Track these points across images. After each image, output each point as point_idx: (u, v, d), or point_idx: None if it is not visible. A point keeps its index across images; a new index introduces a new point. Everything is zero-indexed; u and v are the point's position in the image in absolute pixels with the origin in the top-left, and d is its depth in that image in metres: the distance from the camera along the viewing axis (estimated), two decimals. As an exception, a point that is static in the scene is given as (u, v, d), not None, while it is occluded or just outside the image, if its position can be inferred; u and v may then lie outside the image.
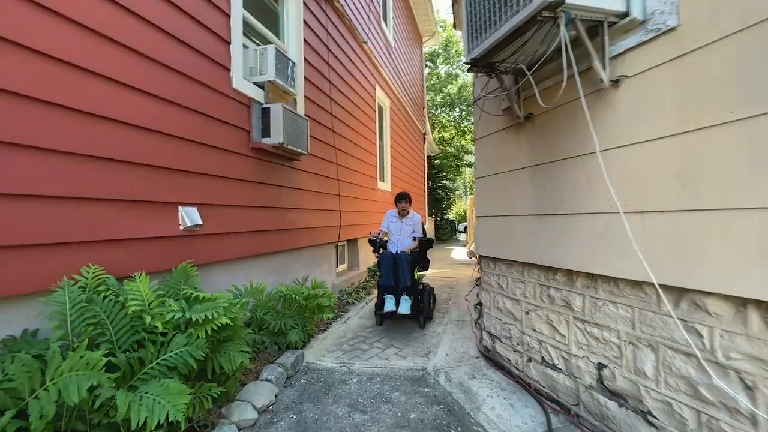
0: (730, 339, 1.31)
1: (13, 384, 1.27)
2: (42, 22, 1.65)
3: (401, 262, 3.58)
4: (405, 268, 3.54)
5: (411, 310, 3.45)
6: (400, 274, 3.54)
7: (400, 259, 3.61)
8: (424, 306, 3.62)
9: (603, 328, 1.82)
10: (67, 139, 1.74)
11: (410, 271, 3.59)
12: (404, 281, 3.50)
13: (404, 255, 3.67)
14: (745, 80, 1.24)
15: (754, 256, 1.21)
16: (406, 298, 3.50)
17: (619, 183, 1.65)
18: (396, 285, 3.54)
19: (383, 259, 3.66)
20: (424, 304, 3.64)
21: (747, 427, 1.27)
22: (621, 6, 1.62)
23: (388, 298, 3.53)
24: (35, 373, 1.29)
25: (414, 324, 3.69)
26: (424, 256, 4.04)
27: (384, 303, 3.52)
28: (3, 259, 1.51)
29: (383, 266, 3.62)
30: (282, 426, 2.06)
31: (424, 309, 3.61)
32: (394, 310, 3.44)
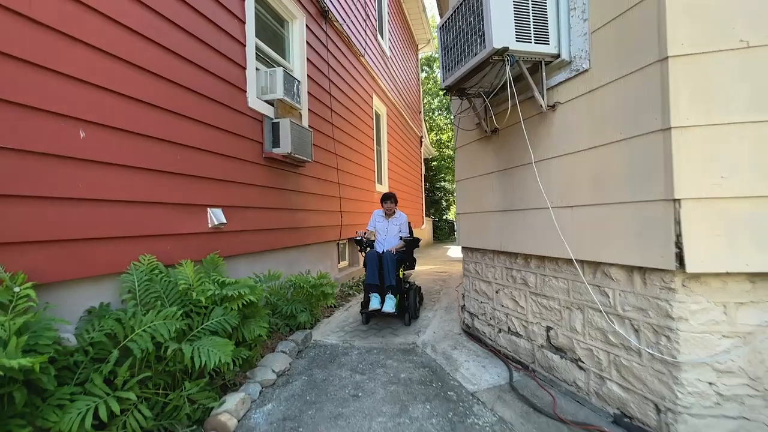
0: (624, 296, 1.81)
1: (109, 332, 1.77)
2: (127, 74, 2.16)
3: (386, 261, 3.62)
4: (390, 267, 3.59)
5: (395, 309, 3.48)
6: (385, 273, 3.57)
7: (385, 258, 3.65)
8: (409, 304, 3.69)
9: (549, 299, 2.32)
10: (137, 155, 2.25)
11: (395, 270, 3.63)
12: (389, 280, 3.54)
13: (389, 254, 3.71)
14: (627, 110, 1.74)
15: (632, 235, 1.70)
16: (391, 297, 3.52)
17: (557, 184, 2.15)
18: (381, 284, 3.59)
19: (368, 258, 3.72)
20: (410, 302, 3.71)
21: (636, 359, 1.77)
22: (554, 50, 2.12)
23: (373, 296, 3.57)
24: (126, 326, 1.80)
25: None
26: (410, 256, 4.12)
27: (369, 301, 3.59)
28: (90, 248, 2.02)
29: (368, 265, 3.68)
30: (297, 384, 2.55)
31: (409, 307, 3.68)
32: (378, 308, 3.47)
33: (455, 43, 2.36)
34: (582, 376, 2.09)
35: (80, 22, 1.98)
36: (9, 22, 1.69)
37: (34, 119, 1.78)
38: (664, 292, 1.63)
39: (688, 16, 1.55)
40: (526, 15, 2.06)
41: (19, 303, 1.61)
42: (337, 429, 2.02)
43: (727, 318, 1.55)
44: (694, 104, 1.53)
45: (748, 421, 1.55)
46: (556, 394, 2.21)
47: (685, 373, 1.58)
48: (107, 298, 2.14)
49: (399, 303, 3.60)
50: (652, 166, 1.63)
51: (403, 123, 10.19)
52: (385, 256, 3.68)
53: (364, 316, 3.81)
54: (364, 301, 3.78)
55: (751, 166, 1.48)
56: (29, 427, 1.49)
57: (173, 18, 2.59)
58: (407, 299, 3.72)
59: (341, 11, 5.79)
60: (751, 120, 1.48)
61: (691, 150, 1.53)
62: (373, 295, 3.59)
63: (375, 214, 4.32)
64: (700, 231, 1.52)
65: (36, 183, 1.78)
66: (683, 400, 1.59)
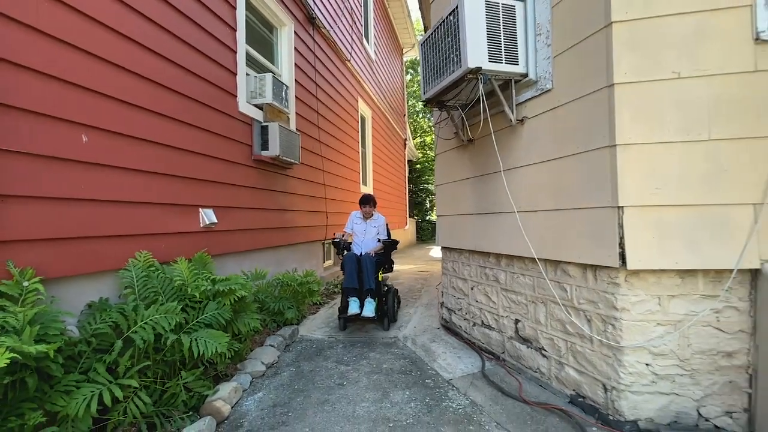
0: (580, 291, 2.06)
1: (112, 324, 1.91)
2: (128, 83, 2.28)
3: (365, 264, 3.52)
4: (370, 270, 3.50)
5: (375, 313, 3.42)
6: (365, 276, 3.49)
7: (364, 260, 3.56)
8: (388, 308, 3.61)
9: (518, 294, 2.56)
10: (133, 158, 2.37)
11: (374, 273, 3.55)
12: (368, 283, 3.45)
13: (368, 257, 3.61)
14: (583, 127, 1.98)
15: (586, 237, 1.95)
16: (371, 301, 3.44)
17: (524, 190, 2.39)
18: (360, 287, 3.51)
19: (347, 260, 3.60)
20: (388, 306, 3.62)
21: (588, 345, 2.02)
22: (522, 69, 2.36)
23: (352, 300, 3.45)
24: (129, 318, 1.94)
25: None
26: (388, 258, 4.02)
27: (348, 306, 3.46)
28: (89, 245, 2.13)
29: (347, 268, 3.56)
30: (285, 375, 2.72)
31: (388, 311, 3.61)
32: (358, 312, 3.38)
33: (435, 59, 2.58)
34: (545, 363, 2.34)
35: (83, 33, 2.10)
36: (20, 33, 1.81)
37: (42, 125, 1.90)
38: (610, 286, 1.88)
39: (631, 49, 1.80)
40: (498, 38, 2.29)
41: (29, 296, 1.74)
42: (324, 413, 2.20)
43: (661, 308, 1.81)
44: (635, 125, 1.79)
45: (678, 396, 1.81)
46: (522, 380, 2.45)
47: (626, 356, 1.84)
48: (105, 294, 2.26)
49: (378, 307, 3.53)
50: (601, 177, 1.88)
51: (388, 126, 10.41)
52: (364, 258, 3.59)
53: (342, 321, 3.64)
54: (341, 305, 3.62)
55: (679, 178, 1.75)
56: (40, 410, 1.62)
57: (172, 29, 2.72)
58: (386, 303, 3.63)
59: (328, 17, 5.95)
60: (679, 140, 1.75)
61: (631, 164, 1.79)
62: (352, 299, 3.46)
63: (353, 216, 4.21)
64: (639, 233, 1.78)
65: (42, 184, 1.89)
66: (625, 380, 1.84)
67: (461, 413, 2.14)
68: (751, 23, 1.69)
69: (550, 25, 2.20)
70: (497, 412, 2.13)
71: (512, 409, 2.15)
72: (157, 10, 2.62)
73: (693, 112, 1.74)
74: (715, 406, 1.79)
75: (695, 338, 1.79)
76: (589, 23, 1.93)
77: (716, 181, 1.72)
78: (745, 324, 1.75)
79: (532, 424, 2.00)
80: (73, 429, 1.72)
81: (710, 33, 1.73)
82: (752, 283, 1.74)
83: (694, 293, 1.79)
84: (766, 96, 1.68)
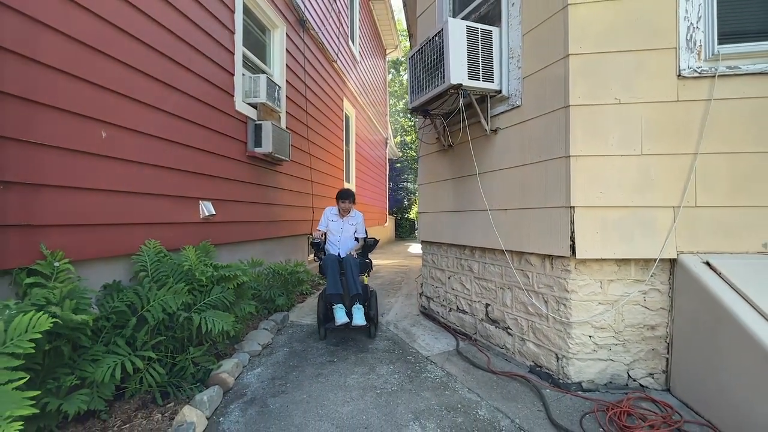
0: (539, 277, 2.45)
1: (129, 303, 2.13)
2: (137, 81, 2.48)
3: (349, 267, 3.18)
4: (355, 273, 3.18)
5: (365, 320, 3.10)
6: (350, 280, 3.14)
7: (347, 262, 3.20)
8: (374, 314, 3.28)
9: (488, 281, 2.94)
10: (144, 152, 2.57)
11: (359, 276, 3.27)
12: (354, 288, 3.11)
13: (351, 258, 3.27)
14: (545, 140, 2.37)
15: (544, 232, 2.34)
16: (359, 307, 3.10)
17: (496, 191, 2.77)
18: (345, 293, 3.17)
19: (328, 263, 3.20)
20: (374, 311, 3.27)
21: (545, 323, 2.41)
22: (497, 86, 2.72)
23: (338, 308, 3.08)
24: (143, 298, 2.17)
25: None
26: (366, 258, 3.64)
27: (334, 314, 3.07)
28: (106, 232, 2.34)
29: (329, 272, 3.15)
30: (280, 354, 2.99)
31: (374, 317, 3.29)
32: (347, 321, 3.01)
33: (421, 73, 2.91)
34: (510, 340, 2.73)
35: (108, 40, 2.30)
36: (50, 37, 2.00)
37: (67, 121, 2.09)
38: (563, 273, 2.28)
39: (584, 77, 2.19)
40: (477, 58, 2.64)
41: (60, 275, 1.95)
42: (318, 384, 2.49)
43: (602, 290, 2.22)
44: (585, 140, 2.18)
45: (612, 362, 2.23)
46: (491, 355, 2.83)
47: (574, 329, 2.24)
48: (118, 276, 2.47)
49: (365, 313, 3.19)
50: (558, 182, 2.26)
51: (370, 125, 10.69)
52: (348, 260, 3.23)
53: (323, 332, 3.26)
54: (321, 313, 3.21)
55: (618, 185, 2.15)
56: (72, 375, 1.84)
57: (184, 35, 2.92)
58: (369, 307, 3.24)
59: (317, 20, 6.18)
60: (619, 154, 2.15)
61: (581, 172, 2.18)
62: (338, 307, 3.09)
63: (327, 213, 3.76)
64: (586, 229, 2.17)
65: (66, 175, 2.09)
66: (573, 349, 2.24)
67: (438, 382, 2.50)
68: (676, 62, 2.11)
69: (521, 51, 2.58)
70: (468, 380, 2.49)
71: (481, 378, 2.52)
72: (170, 17, 2.82)
73: (630, 132, 2.15)
74: (641, 369, 2.22)
75: (627, 314, 2.21)
76: (551, 53, 2.31)
77: (646, 188, 2.14)
78: (665, 303, 2.18)
79: (497, 388, 2.37)
80: (98, 393, 1.94)
81: (645, 68, 2.14)
82: (671, 270, 2.17)
83: (627, 278, 2.21)
84: (685, 121, 2.11)
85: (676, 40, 2.11)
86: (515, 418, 2.04)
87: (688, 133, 2.10)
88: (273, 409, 2.17)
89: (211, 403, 2.13)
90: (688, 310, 2.05)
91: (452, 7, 3.40)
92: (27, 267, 1.89)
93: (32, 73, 1.90)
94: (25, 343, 1.42)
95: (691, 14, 2.09)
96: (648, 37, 2.13)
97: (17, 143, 1.84)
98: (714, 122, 2.07)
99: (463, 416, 2.08)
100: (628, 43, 2.15)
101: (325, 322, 3.21)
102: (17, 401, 1.25)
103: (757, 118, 2.04)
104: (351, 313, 3.09)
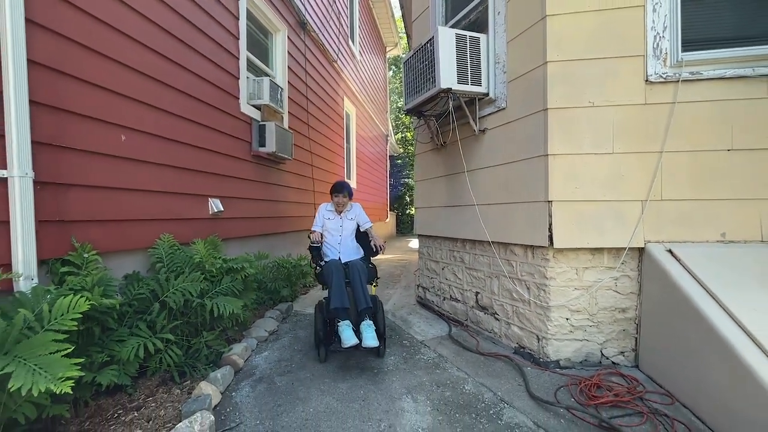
0: (522, 266, 2.67)
1: (150, 290, 2.37)
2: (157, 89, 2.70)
3: (356, 275, 2.68)
4: (364, 282, 2.68)
5: (378, 339, 2.51)
6: (357, 292, 2.64)
7: (353, 269, 2.72)
8: (383, 328, 2.70)
9: (478, 271, 3.16)
10: (158, 154, 2.80)
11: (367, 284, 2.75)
12: (363, 300, 2.61)
13: (358, 264, 2.79)
14: (527, 140, 2.57)
15: (526, 224, 2.56)
16: (369, 324, 2.55)
17: (483, 187, 2.98)
18: (354, 307, 2.64)
19: (332, 270, 2.70)
20: (382, 325, 2.69)
21: (528, 307, 2.63)
22: (485, 90, 2.92)
23: (345, 326, 2.53)
24: (163, 286, 2.40)
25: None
26: (370, 263, 3.08)
27: (339, 333, 2.53)
28: (127, 227, 2.57)
29: (333, 281, 2.65)
30: (285, 339, 3.23)
31: (384, 332, 2.71)
32: (357, 342, 2.44)
33: (415, 77, 3.11)
34: (497, 324, 2.95)
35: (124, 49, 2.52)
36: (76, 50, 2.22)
37: (91, 126, 2.32)
38: (543, 261, 2.49)
39: (561, 82, 2.39)
40: (465, 63, 2.84)
41: (89, 265, 2.18)
42: (320, 365, 2.72)
43: (578, 277, 2.44)
44: (562, 140, 2.39)
45: (587, 341, 2.45)
46: (480, 339, 3.06)
47: (552, 313, 2.46)
48: (136, 268, 2.70)
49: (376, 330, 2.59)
50: (539, 179, 2.47)
51: (371, 122, 10.88)
52: (354, 266, 2.75)
53: (323, 352, 2.69)
54: (321, 332, 2.68)
55: (591, 181, 2.36)
56: (103, 353, 2.08)
57: (196, 45, 3.14)
58: (377, 321, 2.67)
59: (317, 21, 6.37)
60: (592, 152, 2.36)
61: (559, 170, 2.39)
62: (345, 324, 2.55)
63: (322, 210, 3.26)
64: (563, 221, 2.39)
65: (91, 176, 2.32)
66: (551, 331, 2.46)
67: (430, 362, 2.73)
68: (644, 68, 2.31)
69: (506, 56, 2.78)
70: (458, 361, 2.72)
71: (470, 359, 2.75)
72: (184, 29, 3.04)
73: (602, 133, 2.35)
74: (613, 347, 2.44)
75: (600, 299, 2.43)
76: (532, 60, 2.51)
77: (617, 183, 2.35)
78: (635, 288, 2.40)
79: (484, 367, 2.60)
80: (125, 370, 2.18)
81: (616, 74, 2.34)
82: (639, 258, 2.38)
83: (600, 265, 2.43)
84: (652, 122, 2.31)
85: (644, 48, 2.30)
86: (498, 391, 2.27)
87: (655, 133, 2.30)
88: (280, 386, 2.41)
89: (224, 380, 2.37)
90: (653, 293, 2.27)
91: (444, 13, 3.60)
92: (61, 257, 2.12)
93: (62, 85, 2.12)
94: (69, 322, 1.65)
95: (658, 24, 2.29)
96: (619, 45, 2.33)
97: (50, 147, 2.06)
98: (678, 123, 2.27)
99: (451, 390, 2.31)
100: (601, 51, 2.35)
101: (325, 340, 2.68)
102: (66, 366, 1.48)
103: (716, 119, 2.24)
104: (359, 331, 2.53)
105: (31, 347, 1.54)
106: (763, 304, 1.78)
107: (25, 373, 1.41)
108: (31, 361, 1.47)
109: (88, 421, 1.96)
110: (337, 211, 3.26)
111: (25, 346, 1.55)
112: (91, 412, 2.02)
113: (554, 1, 2.39)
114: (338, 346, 2.56)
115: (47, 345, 1.54)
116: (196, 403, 2.02)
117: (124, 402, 2.14)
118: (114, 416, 2.02)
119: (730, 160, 2.23)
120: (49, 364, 1.48)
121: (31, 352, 1.52)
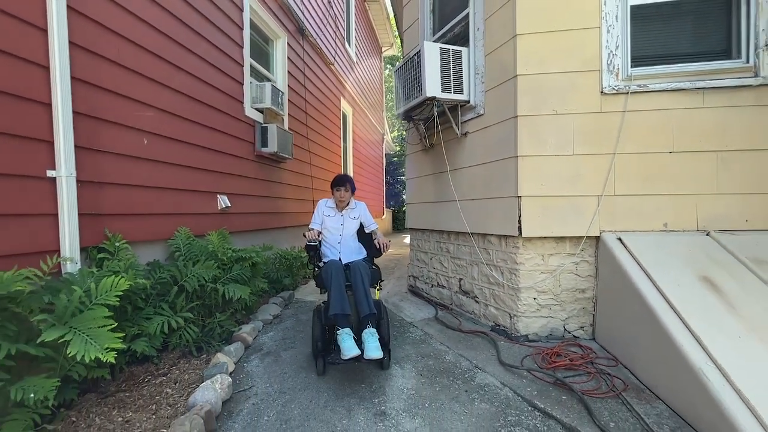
0: (497, 254, 3.03)
1: (171, 275, 2.72)
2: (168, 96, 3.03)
3: (359, 278, 2.46)
4: (367, 286, 2.47)
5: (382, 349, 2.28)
6: (359, 296, 2.44)
7: (355, 271, 2.49)
8: (387, 337, 2.48)
9: (461, 260, 3.52)
10: (175, 155, 3.14)
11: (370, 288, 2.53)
12: (366, 306, 2.40)
13: (360, 265, 2.54)
14: (501, 143, 2.93)
15: (501, 216, 2.92)
16: (372, 332, 2.34)
17: (464, 185, 3.34)
18: (355, 313, 2.46)
19: (332, 272, 2.47)
20: (386, 333, 2.48)
21: (502, 290, 3.00)
22: (466, 98, 3.27)
23: (345, 335, 2.32)
24: (182, 272, 2.75)
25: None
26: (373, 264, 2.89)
27: (340, 343, 2.30)
28: (149, 220, 2.91)
29: (333, 284, 2.43)
30: (288, 322, 3.59)
31: (388, 341, 2.50)
32: (359, 353, 2.23)
33: (404, 85, 3.46)
34: (477, 306, 3.32)
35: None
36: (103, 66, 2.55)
37: (119, 132, 2.65)
38: (514, 249, 2.86)
39: (528, 92, 2.75)
40: (449, 74, 3.19)
41: (120, 253, 2.53)
42: (320, 342, 3.08)
43: (544, 262, 2.80)
44: (530, 143, 2.74)
45: (552, 318, 2.82)
46: (462, 320, 3.43)
47: (522, 294, 2.83)
48: (157, 257, 3.05)
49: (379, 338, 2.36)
50: (510, 177, 2.83)
51: (367, 121, 11.21)
52: (356, 268, 2.51)
53: (321, 365, 2.44)
54: (319, 339, 2.46)
55: (554, 178, 2.73)
56: (134, 328, 2.43)
57: (207, 57, 3.47)
58: (380, 329, 2.47)
59: (315, 26, 6.69)
60: (555, 154, 2.72)
61: (527, 169, 2.75)
62: (345, 333, 2.33)
63: (321, 206, 2.99)
64: (530, 214, 2.75)
65: (119, 175, 2.66)
66: (521, 309, 2.83)
67: (418, 339, 3.09)
68: (599, 82, 2.67)
69: (484, 68, 3.13)
70: (442, 338, 3.09)
71: (452, 336, 3.12)
72: (196, 41, 3.37)
73: (564, 137, 2.72)
74: (574, 323, 2.81)
75: (563, 281, 2.80)
76: (504, 72, 2.87)
77: (576, 181, 2.71)
78: (592, 271, 2.77)
79: (464, 342, 2.97)
80: (150, 343, 2.53)
81: (576, 86, 2.70)
82: (596, 245, 2.75)
83: (563, 252, 2.79)
84: (606, 128, 2.67)
85: (599, 63, 2.66)
86: (473, 360, 2.64)
87: (609, 137, 2.67)
88: (285, 358, 2.77)
89: (236, 353, 2.73)
90: (606, 276, 2.64)
91: (432, 26, 3.94)
92: (96, 245, 2.47)
93: (97, 97, 2.46)
94: (113, 298, 1.99)
95: (611, 43, 2.64)
96: (578, 61, 2.69)
97: (88, 151, 2.40)
98: (628, 129, 2.63)
99: (433, 360, 2.68)
100: (563, 66, 2.71)
101: (323, 349, 2.45)
102: (111, 339, 1.82)
103: (660, 125, 2.61)
104: (361, 340, 2.33)
105: (83, 320, 1.87)
106: (684, 279, 2.15)
107: (80, 342, 1.72)
108: (84, 333, 1.78)
109: (124, 383, 2.31)
110: (338, 208, 2.96)
111: (79, 319, 1.88)
112: (125, 376, 2.37)
113: (524, 21, 2.74)
114: (337, 358, 2.30)
115: (97, 319, 1.88)
116: (216, 368, 2.38)
117: (152, 370, 2.49)
118: (145, 380, 2.37)
119: (672, 161, 2.60)
120: (98, 336, 1.79)
121: (83, 324, 1.84)
